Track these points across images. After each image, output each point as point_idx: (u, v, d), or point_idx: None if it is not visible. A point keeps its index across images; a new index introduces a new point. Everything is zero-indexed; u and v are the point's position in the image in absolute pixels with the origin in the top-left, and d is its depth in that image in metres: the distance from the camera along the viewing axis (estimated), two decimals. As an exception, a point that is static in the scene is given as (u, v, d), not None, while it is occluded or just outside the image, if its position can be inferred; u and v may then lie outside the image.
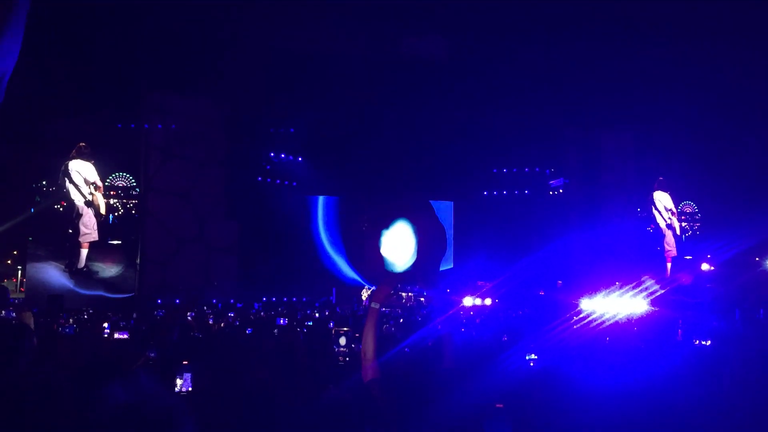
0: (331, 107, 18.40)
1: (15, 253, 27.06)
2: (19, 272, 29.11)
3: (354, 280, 20.64)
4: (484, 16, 16.15)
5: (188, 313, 11.17)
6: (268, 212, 19.50)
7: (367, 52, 17.68)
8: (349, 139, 19.55)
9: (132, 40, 16.29)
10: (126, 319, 10.60)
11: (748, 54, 15.59)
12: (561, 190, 21.02)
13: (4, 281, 30.27)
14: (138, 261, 16.83)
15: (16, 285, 29.64)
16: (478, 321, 9.60)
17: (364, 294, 17.66)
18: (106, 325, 8.62)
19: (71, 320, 9.31)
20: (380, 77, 18.09)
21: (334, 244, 21.98)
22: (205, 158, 17.88)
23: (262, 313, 12.97)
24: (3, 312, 7.49)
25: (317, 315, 12.24)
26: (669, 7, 14.91)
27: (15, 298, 17.52)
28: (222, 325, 9.98)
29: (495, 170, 22.10)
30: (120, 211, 17.68)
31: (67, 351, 4.97)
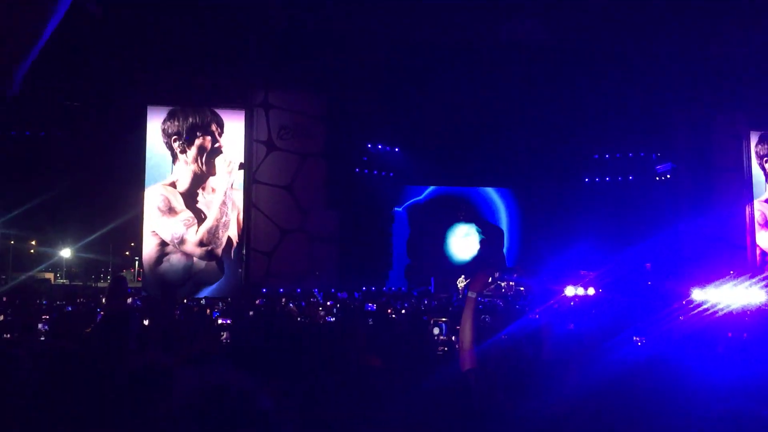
0: (429, 96, 18.36)
1: (132, 245, 28.81)
2: (137, 263, 31.02)
3: (452, 270, 20.57)
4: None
5: (289, 302, 11.54)
6: (367, 202, 19.77)
7: (464, 38, 17.52)
8: (447, 127, 19.42)
9: (239, 37, 16.89)
10: (235, 307, 11.08)
11: None
12: (669, 176, 19.99)
13: (122, 272, 32.43)
14: (244, 252, 17.46)
15: (134, 275, 31.63)
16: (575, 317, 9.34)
17: (460, 283, 17.57)
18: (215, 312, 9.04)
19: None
20: (479, 63, 17.88)
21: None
22: (306, 150, 18.31)
23: (356, 303, 13.18)
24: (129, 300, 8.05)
25: (414, 303, 12.30)
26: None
27: (131, 288, 18.61)
28: (321, 312, 10.24)
29: (596, 156, 21.26)
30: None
31: (180, 337, 5.29)
